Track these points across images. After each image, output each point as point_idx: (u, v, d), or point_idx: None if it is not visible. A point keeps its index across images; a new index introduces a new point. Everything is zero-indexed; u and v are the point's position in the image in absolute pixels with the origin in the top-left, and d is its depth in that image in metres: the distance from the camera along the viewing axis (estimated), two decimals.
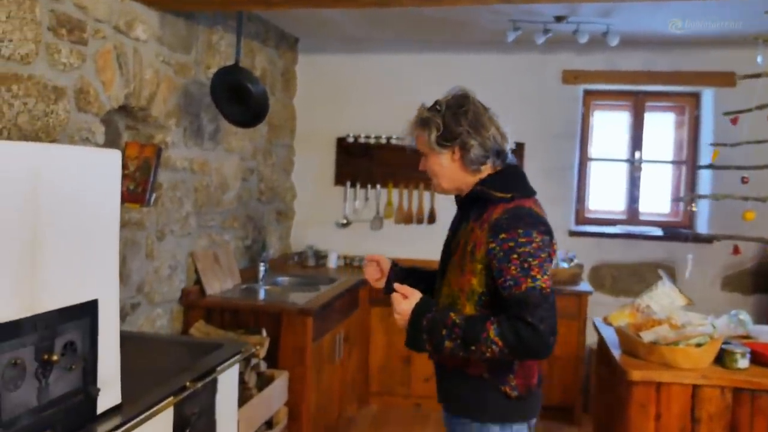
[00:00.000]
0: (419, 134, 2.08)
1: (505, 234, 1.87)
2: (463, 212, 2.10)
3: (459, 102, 2.03)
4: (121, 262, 3.01)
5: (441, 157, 2.03)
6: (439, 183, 2.09)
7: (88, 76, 2.73)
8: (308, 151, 5.25)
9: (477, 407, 1.98)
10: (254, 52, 4.38)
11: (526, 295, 1.81)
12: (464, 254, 1.96)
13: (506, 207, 1.93)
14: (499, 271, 1.86)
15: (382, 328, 4.64)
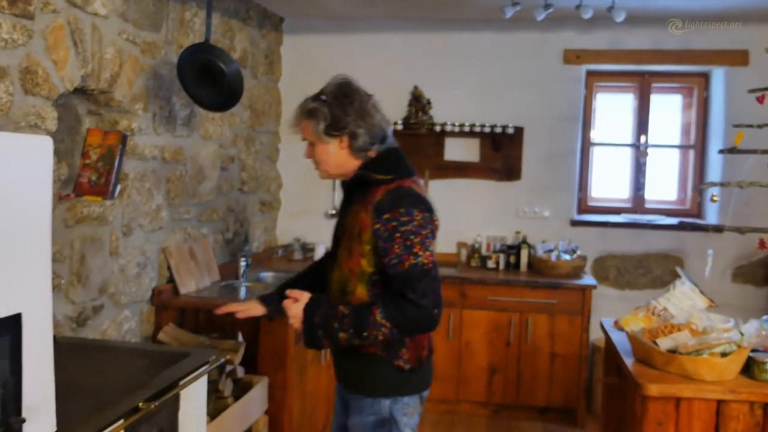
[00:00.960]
0: (306, 124, 2.12)
1: (388, 214, 1.95)
2: (348, 197, 2.15)
3: (344, 91, 2.09)
4: (78, 261, 2.74)
5: (329, 146, 2.08)
6: (326, 170, 2.14)
7: (36, 54, 2.43)
8: (295, 138, 4.92)
9: (370, 383, 2.08)
10: (233, 32, 4.07)
11: (408, 271, 1.92)
12: (352, 237, 2.03)
13: (387, 188, 2.00)
14: (384, 250, 1.95)
15: None
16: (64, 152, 2.88)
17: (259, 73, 4.50)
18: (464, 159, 4.80)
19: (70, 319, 2.73)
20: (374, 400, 2.08)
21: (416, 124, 4.73)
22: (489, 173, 4.77)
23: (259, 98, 4.54)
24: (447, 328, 4.27)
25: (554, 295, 4.17)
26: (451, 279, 4.27)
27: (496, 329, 4.25)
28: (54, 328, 2.65)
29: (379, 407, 2.08)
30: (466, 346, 4.28)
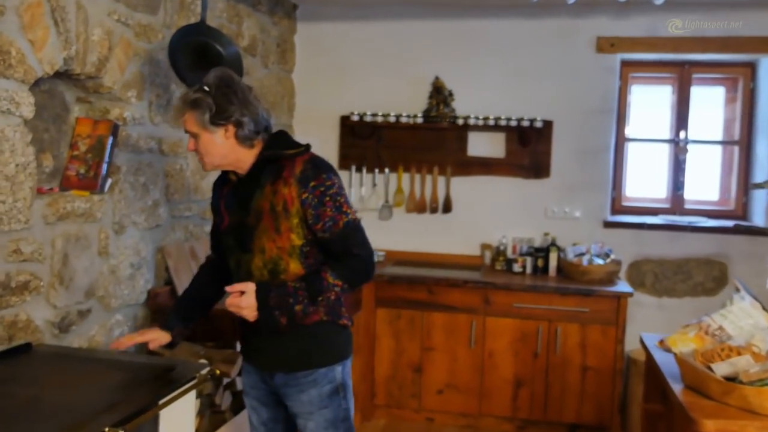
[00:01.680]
0: (189, 115, 2.10)
1: (314, 182, 2.06)
2: (247, 183, 2.15)
3: (226, 82, 2.10)
4: (60, 262, 2.49)
5: (214, 136, 2.09)
6: (211, 161, 2.15)
7: (8, 32, 2.19)
8: (308, 131, 4.68)
9: (324, 351, 2.17)
10: (241, 17, 3.82)
11: (344, 230, 2.07)
12: (275, 216, 2.08)
13: (304, 159, 2.12)
14: (317, 216, 2.06)
15: (390, 332, 4.09)
16: (49, 142, 2.64)
17: (269, 62, 4.24)
18: (489, 155, 4.49)
19: (52, 325, 2.48)
20: (328, 369, 2.17)
21: (437, 117, 4.43)
22: (515, 170, 4.46)
23: (270, 89, 4.28)
24: (469, 337, 3.97)
25: (586, 302, 3.85)
26: (473, 283, 3.97)
27: (523, 339, 3.93)
28: (32, 334, 2.42)
29: (334, 374, 2.18)
30: (490, 356, 3.97)
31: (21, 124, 2.28)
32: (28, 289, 2.35)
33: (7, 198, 2.23)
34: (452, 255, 4.53)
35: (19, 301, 2.31)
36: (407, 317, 4.06)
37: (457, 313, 4.00)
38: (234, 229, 2.19)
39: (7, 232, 2.25)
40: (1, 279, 2.23)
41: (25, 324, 2.35)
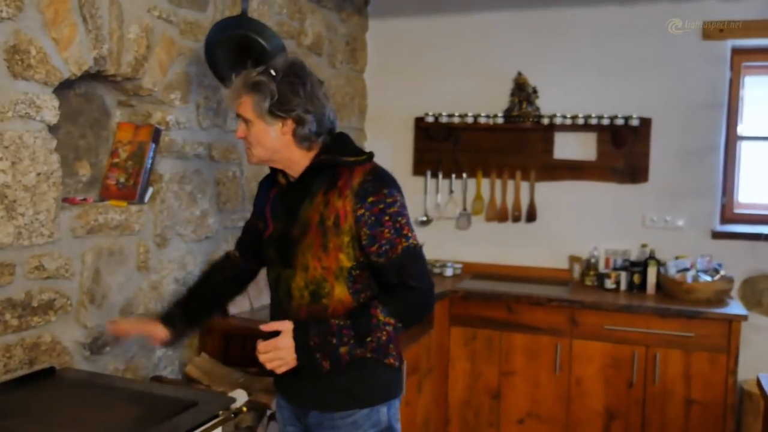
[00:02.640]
0: (246, 99, 1.85)
1: (372, 197, 1.80)
2: (297, 189, 1.91)
3: (296, 71, 1.86)
4: (91, 278, 2.30)
5: (270, 128, 1.85)
6: (260, 154, 1.90)
7: (29, 30, 2.01)
8: (380, 135, 4.40)
9: (367, 391, 1.89)
10: (303, 13, 3.57)
11: (402, 257, 1.81)
12: (324, 231, 1.83)
13: (365, 169, 1.85)
14: (372, 237, 1.81)
15: (465, 354, 3.72)
16: (86, 149, 2.47)
17: (337, 61, 3.98)
18: (578, 157, 4.05)
19: (82, 346, 2.30)
20: (371, 410, 1.89)
21: (519, 116, 4.04)
22: (608, 174, 3.99)
23: (338, 90, 4.02)
24: (553, 361, 3.55)
25: (690, 326, 3.35)
26: (558, 301, 3.55)
27: (615, 365, 3.47)
28: (59, 357, 2.23)
29: (378, 417, 1.91)
30: (577, 383, 3.54)
31: (43, 130, 2.10)
32: (53, 309, 2.17)
33: (27, 210, 2.05)
34: (536, 268, 4.12)
35: (42, 321, 2.13)
36: (484, 337, 3.68)
37: (540, 335, 3.59)
38: (277, 240, 1.94)
39: (28, 247, 2.07)
40: (20, 298, 2.05)
41: (50, 346, 2.16)
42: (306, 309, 1.87)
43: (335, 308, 1.84)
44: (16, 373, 2.04)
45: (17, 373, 2.04)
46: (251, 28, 2.45)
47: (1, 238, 1.98)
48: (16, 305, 2.04)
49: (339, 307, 1.84)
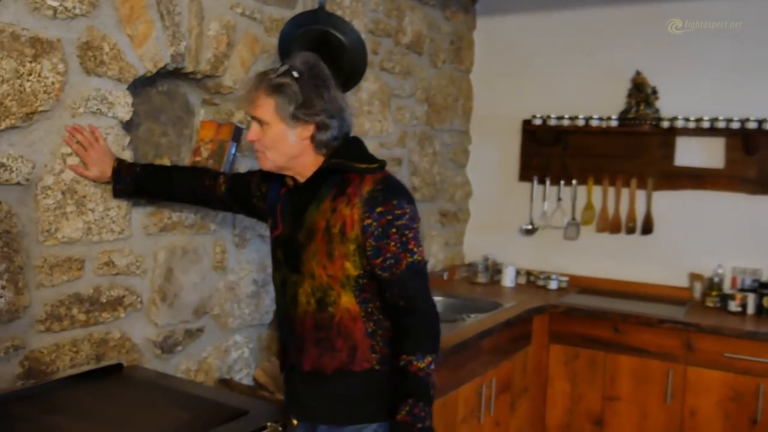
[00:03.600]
0: (266, 100, 1.76)
1: (381, 207, 1.74)
2: (304, 192, 1.84)
3: (318, 72, 1.78)
4: (163, 276, 2.29)
5: (289, 132, 1.77)
6: (275, 160, 1.82)
7: (102, 27, 2.02)
8: (486, 138, 4.20)
9: (372, 403, 1.79)
10: (402, 11, 3.45)
11: (406, 273, 1.75)
12: (330, 238, 1.77)
13: (376, 178, 1.78)
14: (378, 249, 1.75)
15: (565, 374, 3.45)
16: (167, 147, 2.47)
17: (439, 61, 3.83)
18: (702, 164, 3.65)
19: (153, 344, 2.29)
20: (379, 426, 1.79)
21: (636, 119, 3.70)
22: (738, 184, 3.58)
23: (440, 90, 3.87)
24: (664, 389, 3.21)
25: None
26: (671, 323, 3.20)
27: (736, 398, 3.08)
28: (128, 353, 2.23)
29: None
30: (691, 415, 3.17)
31: (115, 126, 2.11)
32: (122, 305, 2.17)
33: (96, 206, 2.06)
34: (651, 285, 3.76)
35: (110, 317, 2.13)
36: (587, 358, 3.39)
37: (649, 358, 3.26)
38: (284, 243, 1.87)
39: (97, 243, 2.08)
40: (88, 293, 2.06)
41: (119, 342, 2.17)
42: (312, 317, 1.81)
43: (342, 316, 1.78)
44: (82, 368, 2.05)
45: (83, 368, 2.06)
46: (329, 22, 2.36)
47: (71, 233, 2.00)
48: (83, 300, 2.05)
49: (346, 316, 1.78)
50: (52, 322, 1.97)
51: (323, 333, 1.81)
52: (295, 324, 1.85)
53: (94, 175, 2.02)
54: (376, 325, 1.81)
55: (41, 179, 1.92)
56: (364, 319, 1.80)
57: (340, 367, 1.80)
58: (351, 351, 1.79)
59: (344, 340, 1.80)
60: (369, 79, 3.22)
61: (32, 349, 1.93)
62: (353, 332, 1.79)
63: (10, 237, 1.85)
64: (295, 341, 1.87)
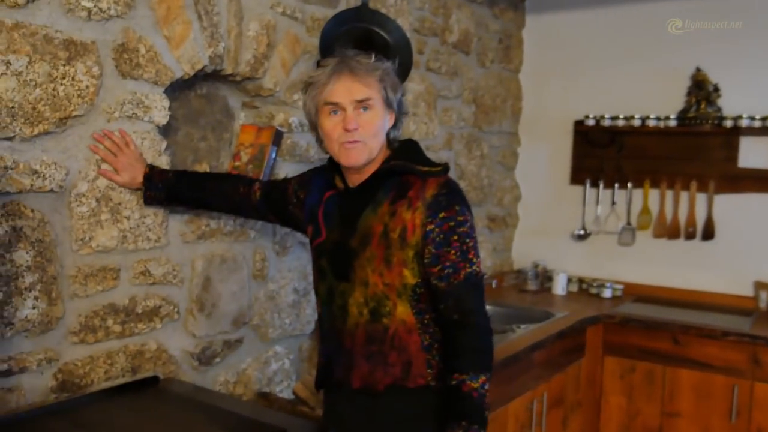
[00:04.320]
0: (378, 84, 1.67)
1: (444, 213, 1.64)
2: (358, 195, 1.74)
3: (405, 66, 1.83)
4: (200, 286, 2.21)
5: (385, 121, 1.71)
6: (374, 147, 1.69)
7: (138, 28, 1.95)
8: (536, 140, 4.04)
9: (423, 426, 1.69)
10: (448, 9, 3.33)
11: (464, 284, 1.65)
12: (388, 243, 1.67)
13: (440, 181, 1.68)
14: (437, 257, 1.64)
15: (621, 388, 3.27)
16: (206, 151, 2.40)
17: (486, 60, 3.69)
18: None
19: (191, 356, 2.22)
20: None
21: (696, 118, 3.50)
22: None
23: (488, 91, 3.73)
24: (729, 406, 3.01)
25: None
26: (737, 335, 3.00)
27: None
28: (165, 365, 2.14)
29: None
30: None
31: (152, 131, 2.04)
32: (158, 316, 2.10)
33: (132, 214, 2.00)
34: (712, 294, 3.55)
35: (146, 328, 2.06)
36: (644, 371, 3.21)
37: (712, 373, 3.06)
38: (331, 251, 1.76)
39: (133, 251, 2.01)
40: (123, 303, 2.00)
41: (155, 354, 2.10)
42: (364, 328, 1.70)
43: (397, 328, 1.68)
44: (117, 380, 1.99)
45: (118, 380, 1.99)
46: (373, 20, 2.25)
47: (105, 241, 1.93)
48: (119, 311, 1.99)
49: (401, 328, 1.68)
50: (87, 333, 1.91)
51: (376, 346, 1.69)
52: (344, 337, 1.73)
53: (124, 181, 1.95)
54: (431, 338, 1.70)
55: (75, 186, 1.86)
56: (419, 331, 1.69)
57: (393, 383, 1.69)
58: (405, 366, 1.68)
59: (398, 353, 1.68)
60: (414, 79, 3.11)
61: (66, 361, 1.88)
62: (408, 345, 1.68)
63: (43, 246, 1.79)
64: (343, 356, 1.74)
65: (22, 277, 1.75)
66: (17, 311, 1.75)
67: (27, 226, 1.75)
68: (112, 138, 1.90)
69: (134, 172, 1.95)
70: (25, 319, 1.76)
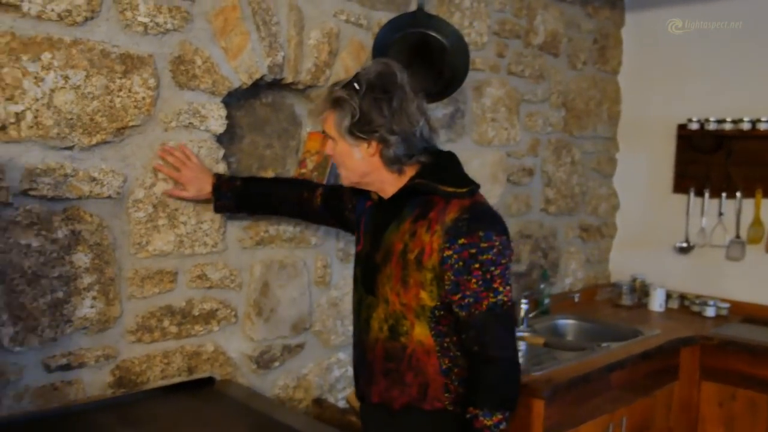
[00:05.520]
0: (329, 115, 1.68)
1: (464, 239, 1.58)
2: (387, 209, 1.72)
3: (384, 83, 1.62)
4: (258, 291, 2.26)
5: (353, 149, 1.67)
6: (348, 177, 1.73)
7: (195, 40, 2.02)
8: (635, 145, 3.81)
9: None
10: (533, 10, 3.20)
11: (486, 316, 1.58)
12: (405, 263, 1.63)
13: (463, 205, 1.62)
14: (456, 285, 1.59)
15: (720, 417, 3.00)
16: (272, 159, 2.45)
17: (579, 62, 3.52)
18: None
19: (249, 359, 2.26)
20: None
21: None
22: None
23: (580, 94, 3.56)
24: None
25: None
26: None
27: None
28: (222, 367, 2.20)
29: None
30: None
31: (208, 139, 2.10)
32: (215, 319, 2.16)
33: (189, 219, 2.07)
34: None
35: (203, 330, 2.13)
36: (747, 400, 2.92)
37: None
38: (363, 261, 1.78)
39: (190, 255, 2.08)
40: (180, 306, 2.07)
41: (212, 356, 2.16)
42: (383, 345, 1.70)
43: (414, 349, 1.65)
44: (173, 379, 2.06)
45: (174, 379, 2.07)
46: (429, 25, 2.21)
47: (162, 245, 2.01)
48: (175, 313, 2.06)
49: (419, 349, 1.64)
50: (143, 333, 2.00)
51: (393, 364, 1.67)
52: (367, 350, 1.74)
53: (192, 195, 2.01)
54: (451, 362, 1.65)
55: (132, 193, 1.95)
56: (438, 354, 1.64)
57: (408, 402, 1.66)
58: (422, 388, 1.65)
59: (415, 374, 1.64)
60: (493, 84, 3.02)
61: (123, 358, 1.97)
62: (426, 367, 1.64)
63: (101, 249, 1.89)
64: (365, 369, 1.75)
65: (80, 278, 1.86)
66: (76, 310, 1.85)
67: (86, 230, 1.86)
68: (173, 154, 1.98)
69: (200, 184, 2.00)
70: (83, 317, 1.87)
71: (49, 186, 1.77)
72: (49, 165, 1.77)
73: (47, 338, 1.80)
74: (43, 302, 1.78)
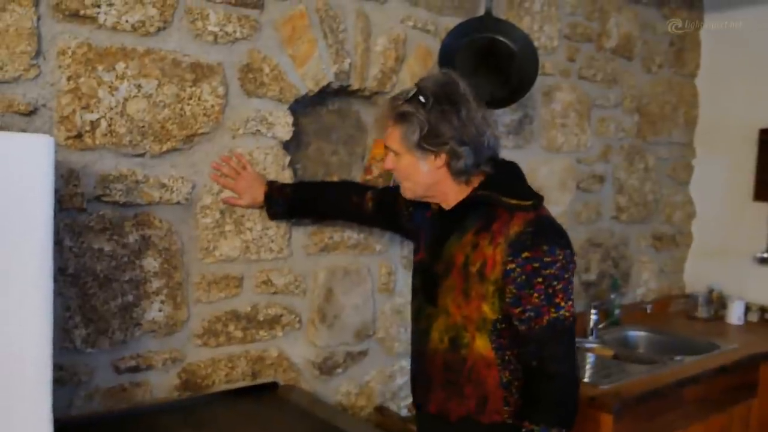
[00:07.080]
0: (393, 129, 1.65)
1: (528, 252, 1.55)
2: (448, 220, 1.70)
3: (449, 94, 1.60)
4: (322, 297, 2.26)
5: (420, 162, 1.64)
6: (413, 189, 1.70)
7: (264, 48, 2.05)
8: (714, 150, 3.65)
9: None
10: (606, 12, 3.11)
11: (546, 330, 1.56)
12: (467, 275, 1.62)
13: (527, 218, 1.60)
14: (518, 298, 1.57)
15: None
16: (337, 166, 2.45)
17: (653, 65, 3.39)
18: None
19: (312, 365, 2.27)
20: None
21: None
22: None
23: (655, 98, 3.43)
24: None
25: None
26: None
27: None
28: (285, 372, 2.22)
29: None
30: None
31: (275, 146, 2.12)
32: (279, 324, 2.18)
33: (254, 226, 2.10)
34: None
35: (267, 336, 2.15)
36: None
37: None
38: (423, 271, 1.77)
39: (256, 261, 2.11)
40: (245, 311, 2.10)
41: (276, 361, 2.18)
42: (442, 356, 1.68)
43: (475, 362, 1.63)
44: (237, 383, 2.09)
45: (238, 383, 2.09)
46: (497, 29, 2.16)
47: (229, 251, 2.04)
48: (240, 317, 2.09)
49: (479, 362, 1.63)
50: (209, 337, 2.03)
51: (453, 375, 1.65)
52: (426, 360, 1.73)
53: (247, 203, 2.04)
54: (512, 375, 1.61)
55: (200, 199, 1.98)
56: (499, 367, 1.61)
57: (466, 415, 1.64)
58: (481, 400, 1.62)
59: (474, 387, 1.62)
60: (563, 88, 2.95)
61: (190, 362, 2.01)
62: (485, 380, 1.61)
63: (169, 254, 1.93)
64: (423, 378, 1.74)
65: (149, 282, 1.90)
66: (145, 313, 1.90)
67: (155, 236, 1.90)
68: (229, 163, 2.00)
69: (254, 193, 2.03)
70: (151, 321, 1.91)
71: (121, 192, 1.82)
72: (122, 172, 1.82)
73: (117, 340, 1.85)
74: (114, 305, 1.83)
